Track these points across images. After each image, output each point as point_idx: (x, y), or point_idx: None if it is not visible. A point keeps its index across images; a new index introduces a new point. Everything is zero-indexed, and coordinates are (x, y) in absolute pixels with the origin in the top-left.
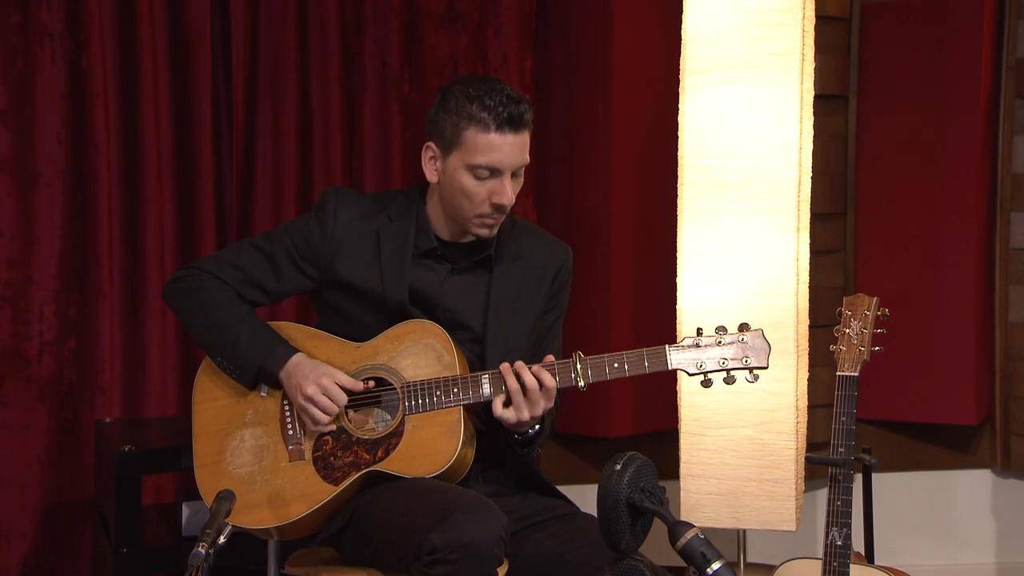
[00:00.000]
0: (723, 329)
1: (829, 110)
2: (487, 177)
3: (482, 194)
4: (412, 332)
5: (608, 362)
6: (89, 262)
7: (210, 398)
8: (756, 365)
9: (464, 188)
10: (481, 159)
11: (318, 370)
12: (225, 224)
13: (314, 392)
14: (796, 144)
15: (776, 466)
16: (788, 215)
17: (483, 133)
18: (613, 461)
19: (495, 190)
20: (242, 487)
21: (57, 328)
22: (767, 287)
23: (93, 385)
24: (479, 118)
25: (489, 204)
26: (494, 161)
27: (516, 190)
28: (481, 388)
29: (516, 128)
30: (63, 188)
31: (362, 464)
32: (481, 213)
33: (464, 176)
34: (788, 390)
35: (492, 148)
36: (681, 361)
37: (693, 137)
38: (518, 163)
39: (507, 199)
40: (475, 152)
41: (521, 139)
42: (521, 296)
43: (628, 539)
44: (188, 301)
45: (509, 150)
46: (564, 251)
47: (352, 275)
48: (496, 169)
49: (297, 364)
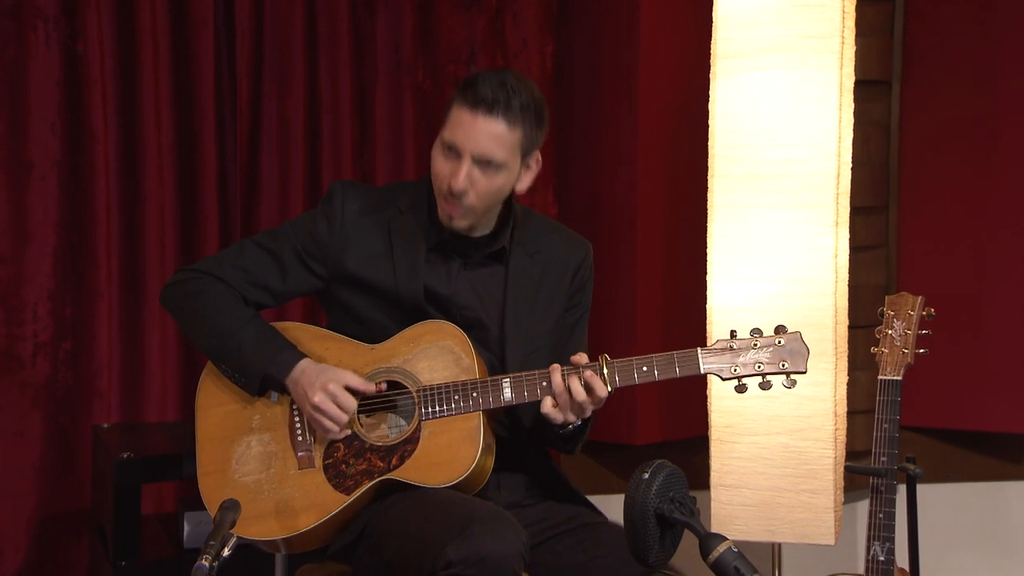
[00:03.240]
0: (759, 331)
1: (871, 96)
2: (452, 157)
3: (443, 174)
4: (428, 333)
5: (636, 365)
6: (86, 259)
7: (216, 403)
8: (794, 370)
9: (433, 164)
10: (447, 133)
11: (325, 375)
12: (229, 219)
13: (321, 400)
14: (835, 133)
15: (813, 476)
16: (826, 209)
17: (458, 108)
18: (641, 469)
19: (455, 172)
20: (248, 496)
21: (52, 329)
22: (804, 286)
23: (90, 389)
24: (464, 93)
25: (446, 185)
26: (456, 138)
27: (483, 188)
28: (502, 392)
29: (489, 111)
30: (58, 181)
31: (376, 472)
32: (440, 192)
33: (437, 149)
34: (826, 395)
35: (459, 124)
36: (714, 365)
37: (724, 126)
38: (478, 149)
39: (456, 184)
40: (448, 126)
41: (492, 126)
42: (541, 293)
43: (657, 552)
44: (188, 306)
45: (471, 132)
46: (584, 246)
47: (362, 271)
48: (456, 148)
49: (303, 371)
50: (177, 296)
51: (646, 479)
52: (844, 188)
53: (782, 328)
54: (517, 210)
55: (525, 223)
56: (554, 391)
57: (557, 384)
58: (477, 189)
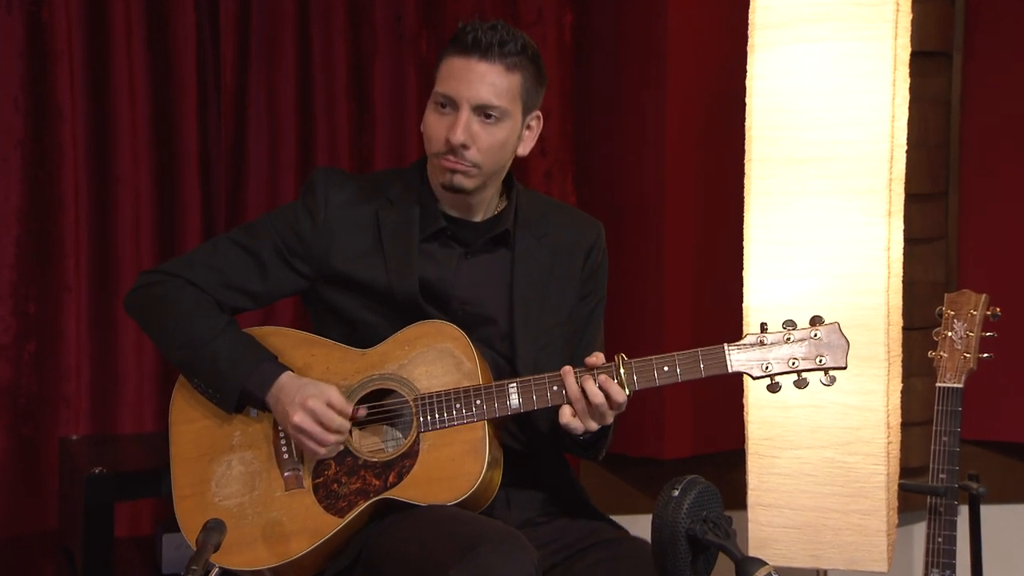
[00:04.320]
0: (792, 324)
1: (928, 70)
2: (447, 111)
3: (439, 130)
4: (426, 335)
5: (657, 365)
6: (52, 250)
7: (188, 419)
8: (832, 365)
9: (425, 123)
10: (440, 86)
11: (304, 391)
12: (212, 205)
13: (302, 420)
14: (888, 111)
15: (863, 494)
16: (877, 196)
17: (449, 57)
18: (670, 486)
19: (452, 125)
20: (231, 521)
21: (14, 328)
22: (852, 282)
23: (57, 396)
24: (454, 42)
25: (446, 144)
26: (450, 89)
27: (486, 142)
28: (508, 399)
29: (484, 54)
30: (21, 163)
31: (371, 491)
32: (437, 152)
33: (429, 110)
34: (877, 404)
35: (451, 74)
36: (743, 362)
37: (764, 104)
38: (476, 97)
39: (455, 135)
40: (439, 79)
41: (489, 69)
42: (551, 280)
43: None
44: (155, 313)
45: (466, 78)
46: (595, 226)
47: (351, 268)
48: (451, 99)
49: (283, 386)
50: (142, 302)
51: (676, 496)
52: (898, 173)
53: (818, 319)
54: (518, 188)
55: (528, 202)
56: (569, 397)
57: (572, 389)
58: (479, 144)
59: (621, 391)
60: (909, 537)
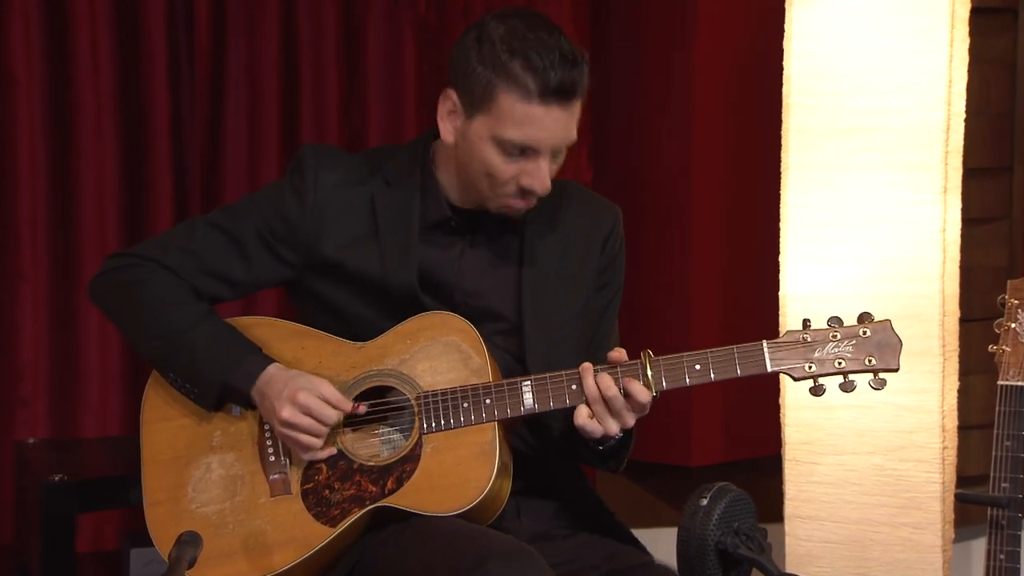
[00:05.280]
0: (838, 320)
1: (991, 28)
2: (518, 155)
3: (508, 174)
4: (429, 327)
5: (688, 364)
6: (5, 234)
7: (163, 417)
8: (883, 367)
9: (487, 164)
10: (514, 134)
11: (293, 384)
12: (185, 186)
13: (291, 414)
14: (944, 75)
15: (915, 506)
16: (932, 171)
17: (522, 102)
18: (698, 495)
19: (527, 171)
20: (210, 530)
21: None
22: (903, 268)
23: (12, 396)
24: (520, 81)
25: (516, 186)
26: (531, 139)
27: (555, 171)
28: (522, 398)
29: (567, 100)
30: None
31: (366, 499)
32: (504, 194)
33: (489, 149)
34: (931, 405)
35: (531, 122)
36: (783, 362)
37: (803, 68)
38: (562, 143)
39: (540, 185)
40: (508, 122)
41: (570, 114)
42: (564, 271)
43: None
44: (125, 300)
45: (553, 127)
46: (612, 210)
47: (342, 256)
48: (532, 149)
49: (270, 378)
50: (110, 288)
51: (705, 506)
52: (955, 145)
53: (867, 316)
54: None
55: None
56: (587, 397)
57: (590, 389)
58: (550, 176)
59: (645, 391)
60: (967, 554)
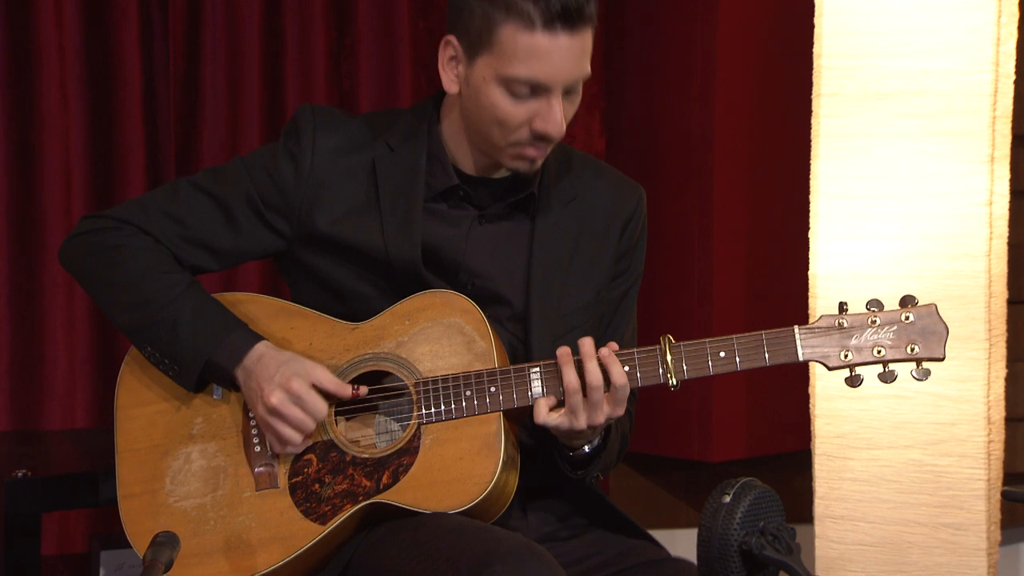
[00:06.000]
0: (878, 304)
1: None
2: (528, 95)
3: (520, 117)
4: (430, 307)
5: (711, 350)
6: None
7: (139, 402)
8: (927, 356)
9: (495, 108)
10: (521, 69)
11: (286, 368)
12: (158, 151)
13: (281, 402)
14: (991, 33)
15: (958, 505)
16: (978, 138)
17: (526, 32)
18: (720, 491)
19: (539, 113)
20: (189, 527)
21: None
22: (945, 244)
23: None
24: (521, 9)
25: (529, 131)
26: (539, 73)
27: (570, 114)
28: (530, 386)
29: (574, 25)
30: None
31: (360, 494)
32: (517, 141)
33: (496, 91)
34: (975, 394)
35: (537, 55)
36: (817, 349)
37: (835, 26)
38: (574, 77)
39: (555, 126)
40: (513, 58)
41: (580, 42)
42: (578, 255)
43: None
44: (100, 266)
45: (562, 58)
46: (636, 191)
47: (339, 229)
48: (542, 85)
49: (259, 358)
50: (84, 252)
51: (727, 503)
52: (1003, 109)
53: (911, 299)
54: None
55: (558, 159)
56: (564, 386)
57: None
58: (566, 120)
59: (622, 372)
60: (1015, 558)
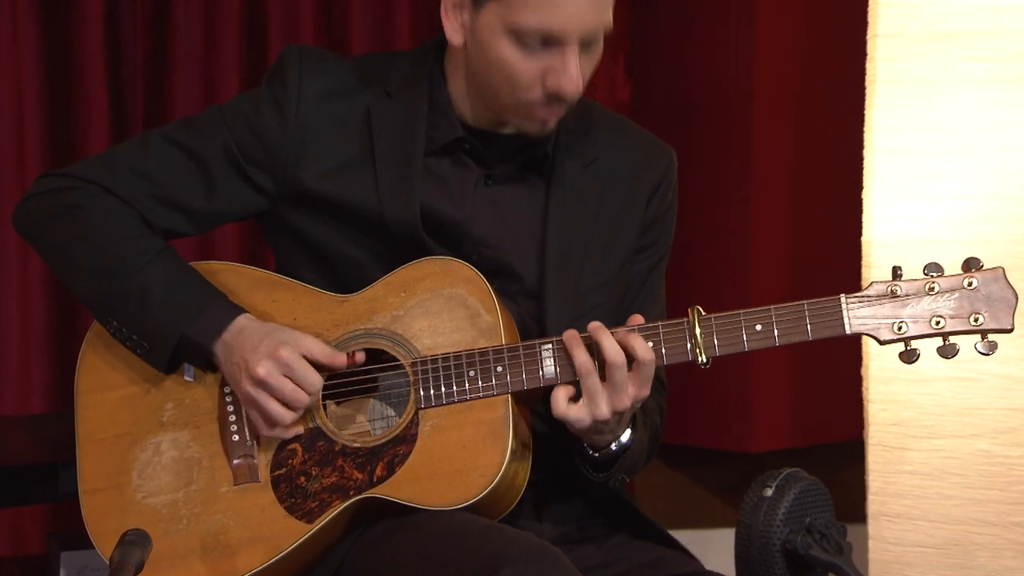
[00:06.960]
0: (937, 268)
1: None
2: (540, 48)
3: (531, 74)
4: (429, 276)
5: (746, 323)
6: None
7: (104, 384)
8: (994, 326)
9: (504, 63)
10: (532, 19)
11: (273, 337)
12: (124, 103)
13: (269, 373)
14: None
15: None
16: None
17: None
18: (761, 483)
19: (553, 69)
20: (160, 526)
21: None
22: (1016, 205)
23: None
24: None
25: (542, 90)
26: (552, 23)
27: (589, 71)
28: (542, 364)
29: None
30: None
31: (351, 488)
32: (528, 101)
33: (504, 44)
34: None
35: (550, 1)
36: (867, 321)
37: None
38: (592, 27)
39: (571, 84)
40: (523, 6)
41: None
42: (600, 224)
43: None
44: (60, 230)
45: (577, 6)
46: (665, 153)
47: (328, 185)
48: (555, 36)
49: (241, 330)
50: (41, 214)
51: (769, 497)
52: None
53: (974, 262)
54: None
55: (579, 117)
56: (577, 370)
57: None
58: (584, 79)
59: (646, 347)
60: None
